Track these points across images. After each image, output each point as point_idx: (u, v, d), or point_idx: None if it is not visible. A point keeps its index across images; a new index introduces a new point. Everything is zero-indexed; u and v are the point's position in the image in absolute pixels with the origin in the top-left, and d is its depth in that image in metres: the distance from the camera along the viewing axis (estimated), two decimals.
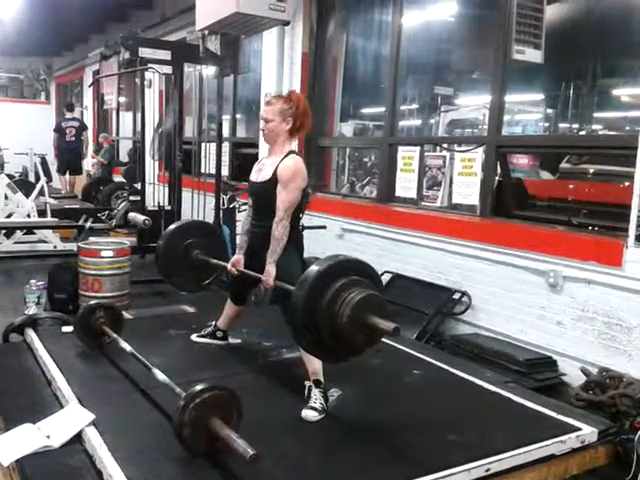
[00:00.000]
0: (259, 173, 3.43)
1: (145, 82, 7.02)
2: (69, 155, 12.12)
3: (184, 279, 4.06)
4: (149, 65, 6.07)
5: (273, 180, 3.27)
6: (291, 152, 3.34)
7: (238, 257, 3.59)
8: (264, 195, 3.35)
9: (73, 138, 12.09)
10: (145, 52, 5.93)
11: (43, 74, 18.19)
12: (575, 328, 4.07)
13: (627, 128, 7.70)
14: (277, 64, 6.81)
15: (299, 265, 3.35)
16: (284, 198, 3.22)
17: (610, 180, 5.78)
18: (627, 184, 4.72)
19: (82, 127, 12.42)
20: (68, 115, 12.39)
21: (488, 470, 2.50)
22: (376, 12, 6.47)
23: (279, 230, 3.22)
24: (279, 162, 3.28)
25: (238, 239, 3.68)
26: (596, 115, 8.23)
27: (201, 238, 4.03)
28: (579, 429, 2.82)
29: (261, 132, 3.44)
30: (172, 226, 4.12)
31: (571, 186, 5.91)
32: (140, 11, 10.59)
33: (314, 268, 2.62)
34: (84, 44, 13.96)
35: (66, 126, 12.12)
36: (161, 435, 2.55)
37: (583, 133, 7.75)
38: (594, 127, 8.13)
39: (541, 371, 3.99)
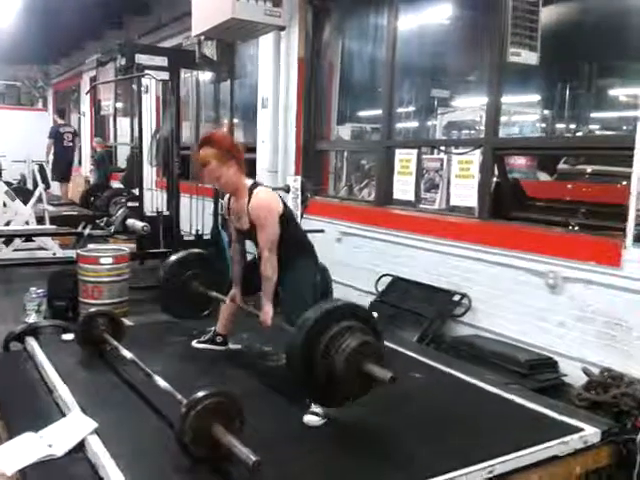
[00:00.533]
0: (239, 221, 3.45)
1: (142, 88, 7.03)
2: (67, 162, 12.15)
3: (185, 310, 4.11)
4: (146, 71, 6.08)
5: (253, 225, 3.34)
6: (252, 186, 3.35)
7: (235, 292, 3.67)
8: (251, 237, 3.44)
9: (71, 144, 12.15)
10: (142, 59, 5.95)
11: (40, 81, 18.20)
12: (575, 329, 4.07)
13: (624, 128, 7.73)
14: (273, 69, 6.83)
15: (311, 278, 3.42)
16: (264, 238, 3.29)
17: (608, 181, 5.80)
18: (625, 184, 4.74)
19: (76, 133, 12.51)
20: (61, 121, 12.40)
21: (491, 472, 2.50)
22: (371, 16, 6.48)
23: (268, 270, 3.31)
24: (247, 205, 3.31)
25: (232, 272, 3.70)
26: (592, 115, 8.26)
27: (200, 269, 4.09)
28: (582, 430, 2.82)
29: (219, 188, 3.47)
30: (172, 257, 4.18)
31: (569, 187, 5.92)
32: (136, 17, 10.62)
33: (310, 314, 2.67)
34: (81, 51, 13.98)
35: (64, 132, 12.14)
36: (163, 442, 2.55)
37: (580, 134, 7.77)
38: (591, 127, 8.14)
39: (542, 372, 4.00)
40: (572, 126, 8.35)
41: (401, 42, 5.94)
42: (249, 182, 3.38)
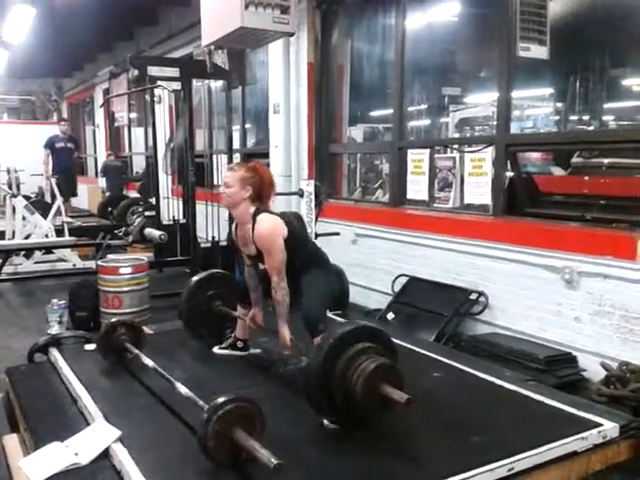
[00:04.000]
0: (247, 247, 3.49)
1: (155, 98, 7.12)
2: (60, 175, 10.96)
3: (207, 331, 4.08)
4: (158, 82, 6.15)
5: (260, 252, 3.37)
6: (256, 213, 3.37)
7: (255, 311, 3.71)
8: (261, 261, 3.44)
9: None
10: (153, 70, 6.02)
11: (54, 95, 18.43)
12: (593, 323, 4.07)
13: (638, 117, 7.68)
14: (284, 74, 6.88)
15: (326, 288, 3.48)
16: (271, 265, 3.32)
17: (623, 173, 5.76)
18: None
19: (67, 143, 11.76)
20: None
21: (511, 469, 2.50)
22: (379, 17, 6.51)
23: (278, 294, 3.34)
24: (252, 232, 3.34)
25: (251, 295, 3.73)
26: (606, 106, 8.21)
27: (221, 289, 4.08)
28: (600, 425, 2.82)
29: (222, 195, 3.48)
30: (194, 278, 4.16)
31: (583, 181, 5.89)
32: (146, 28, 10.72)
33: (327, 339, 2.73)
34: (93, 63, 14.15)
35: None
36: (186, 448, 2.59)
37: (593, 127, 7.72)
38: (605, 118, 8.09)
39: (561, 368, 4.00)
40: (585, 117, 8.30)
41: (410, 41, 5.96)
42: (252, 210, 3.39)
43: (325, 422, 2.91)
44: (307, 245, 3.64)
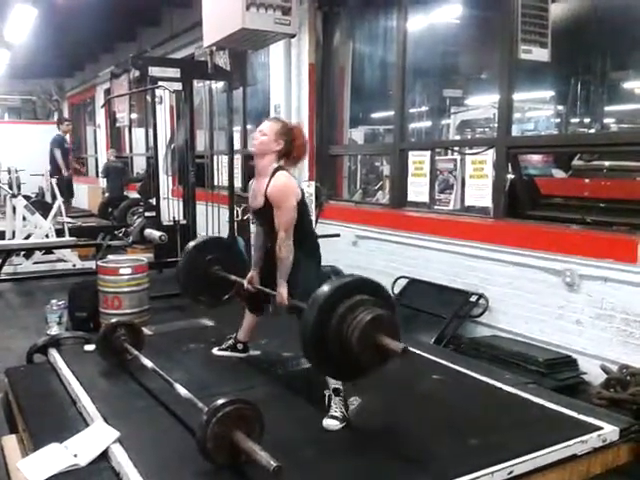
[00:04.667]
0: (255, 200, 3.48)
1: (156, 99, 7.11)
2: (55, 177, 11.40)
3: (204, 295, 4.11)
4: (159, 83, 6.14)
5: (267, 205, 3.35)
6: (277, 169, 3.38)
7: (253, 274, 3.67)
8: (265, 219, 3.44)
9: (49, 156, 11.70)
10: (155, 71, 6.02)
11: (55, 95, 18.41)
12: (594, 326, 4.06)
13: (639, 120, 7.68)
14: (285, 76, 6.88)
15: (316, 279, 3.39)
16: (281, 220, 3.29)
17: (624, 176, 5.76)
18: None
19: (52, 143, 11.72)
20: (58, 131, 12.05)
21: (511, 473, 2.50)
22: (381, 19, 6.51)
23: (283, 251, 3.29)
24: (266, 186, 3.34)
25: (253, 255, 3.73)
26: (607, 109, 8.21)
27: (219, 254, 4.08)
28: (600, 428, 2.82)
29: (253, 142, 3.48)
30: (192, 243, 4.17)
31: (584, 183, 5.89)
32: (148, 29, 10.72)
33: (324, 289, 2.66)
34: (94, 64, 14.14)
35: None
36: (185, 450, 2.58)
37: (594, 130, 7.72)
38: (606, 121, 8.10)
39: (561, 371, 4.00)
40: (586, 120, 8.31)
41: (411, 43, 5.96)
42: (274, 165, 3.40)
43: (325, 423, 2.91)
44: (310, 227, 3.59)
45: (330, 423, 2.92)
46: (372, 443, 2.78)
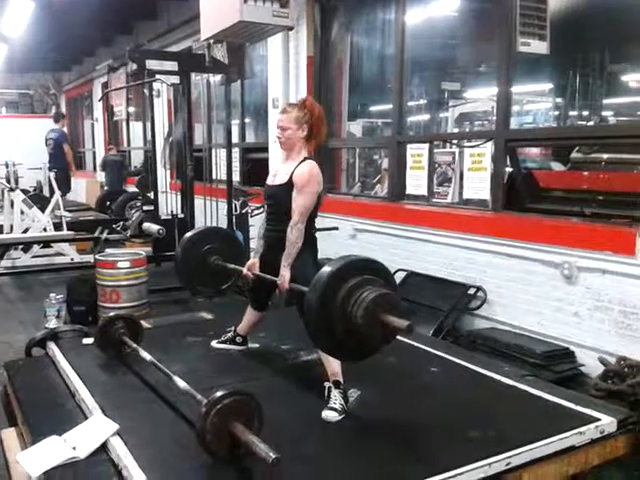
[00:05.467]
0: (275, 177, 3.48)
1: (153, 92, 7.10)
2: (53, 170, 11.60)
3: (203, 285, 4.11)
4: (157, 76, 6.13)
5: (289, 184, 3.32)
6: (307, 158, 3.38)
7: (254, 261, 3.62)
8: (280, 198, 3.39)
9: (52, 151, 11.73)
10: (152, 64, 6.00)
11: (52, 89, 18.37)
12: (592, 318, 4.07)
13: (638, 113, 7.68)
14: (283, 69, 6.86)
15: (313, 268, 3.38)
16: (299, 202, 3.27)
17: (622, 169, 5.76)
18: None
19: (59, 139, 11.81)
20: (54, 126, 12.05)
21: (509, 464, 2.51)
22: (379, 11, 6.49)
23: (294, 234, 3.26)
24: (295, 167, 3.33)
25: (254, 243, 3.71)
26: (606, 102, 8.20)
27: (218, 244, 4.07)
28: (598, 419, 2.82)
29: (277, 140, 3.46)
30: (189, 233, 4.16)
31: (582, 176, 5.89)
32: (145, 22, 10.69)
33: (326, 269, 2.66)
34: (91, 57, 14.10)
35: (48, 137, 11.81)
36: (184, 442, 2.59)
37: (592, 122, 7.72)
38: (604, 114, 8.10)
39: (559, 363, 4.00)
40: (585, 113, 8.30)
41: (410, 36, 5.94)
42: (305, 154, 3.40)
43: (324, 415, 2.92)
44: (314, 218, 3.59)
45: (329, 415, 2.93)
46: (371, 435, 2.79)
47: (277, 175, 3.46)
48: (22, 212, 7.74)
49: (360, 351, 2.73)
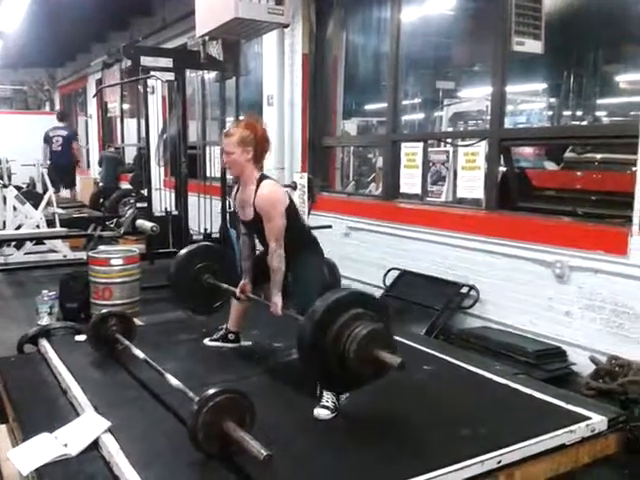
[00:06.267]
0: (243, 211, 3.47)
1: (148, 89, 7.06)
2: (58, 166, 11.74)
3: (196, 303, 4.11)
4: (151, 73, 6.10)
5: (257, 217, 3.35)
6: (261, 178, 3.37)
7: (245, 282, 3.67)
8: (258, 229, 3.43)
9: (60, 148, 11.84)
10: (147, 61, 5.97)
11: (47, 85, 18.31)
12: (583, 317, 4.09)
13: (631, 113, 7.70)
14: (278, 66, 6.86)
15: (318, 271, 3.44)
16: (270, 230, 3.30)
17: (615, 168, 5.78)
18: (633, 170, 4.71)
19: (70, 136, 12.09)
20: (59, 124, 12.18)
21: (500, 462, 2.52)
22: (375, 9, 6.49)
23: (275, 260, 3.32)
24: (254, 195, 3.33)
25: (242, 264, 3.72)
26: (599, 102, 8.23)
27: (210, 262, 4.08)
28: (589, 418, 2.83)
29: (224, 162, 3.46)
30: (183, 251, 4.16)
31: (575, 176, 5.91)
32: (140, 18, 10.66)
33: (319, 304, 2.70)
34: (86, 53, 14.05)
35: (53, 135, 11.91)
36: (176, 439, 2.59)
37: (586, 122, 7.75)
38: (597, 114, 8.12)
39: (550, 362, 4.03)
40: (579, 113, 8.32)
41: (405, 35, 5.95)
42: (257, 174, 3.39)
43: (316, 413, 2.91)
44: (302, 226, 3.62)
45: (321, 412, 2.93)
46: (363, 433, 2.79)
47: (244, 208, 3.45)
48: (15, 208, 7.70)
49: (350, 384, 2.79)
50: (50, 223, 7.84)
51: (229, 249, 5.73)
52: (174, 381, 2.88)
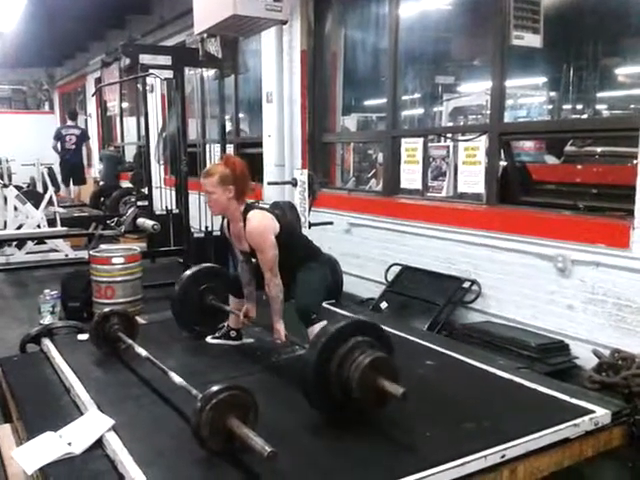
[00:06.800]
0: (240, 241, 3.49)
1: (147, 87, 7.07)
2: (70, 164, 12.12)
3: (199, 325, 4.07)
4: (150, 71, 6.10)
5: (252, 249, 3.39)
6: (246, 209, 3.38)
7: (248, 307, 3.71)
8: (255, 257, 3.45)
9: (73, 146, 12.11)
10: (146, 59, 5.96)
11: (45, 84, 18.31)
12: (586, 311, 4.08)
13: (632, 106, 7.68)
14: (276, 63, 6.84)
15: (321, 276, 3.48)
16: (263, 261, 3.33)
17: (616, 162, 5.76)
18: (634, 162, 4.70)
19: (83, 136, 12.41)
20: (70, 123, 12.40)
21: (504, 456, 2.52)
22: (373, 5, 6.48)
23: (272, 291, 3.35)
24: (244, 229, 3.34)
25: (244, 290, 3.73)
26: (600, 95, 8.20)
27: (214, 283, 4.06)
28: (592, 412, 2.84)
29: (209, 205, 3.46)
30: (187, 273, 4.13)
31: (576, 169, 5.89)
32: (138, 16, 10.65)
33: (322, 333, 2.76)
34: (84, 52, 14.05)
35: (66, 134, 12.15)
36: (180, 436, 2.59)
37: (586, 116, 7.72)
38: (597, 107, 8.09)
39: (553, 356, 4.02)
40: (579, 106, 8.30)
41: (403, 29, 5.93)
42: (241, 208, 3.38)
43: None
44: (300, 239, 3.64)
45: None
46: (366, 428, 2.79)
47: (240, 240, 3.47)
48: (16, 208, 7.71)
49: (353, 412, 2.80)
50: (51, 222, 7.84)
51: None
52: (177, 379, 2.89)
